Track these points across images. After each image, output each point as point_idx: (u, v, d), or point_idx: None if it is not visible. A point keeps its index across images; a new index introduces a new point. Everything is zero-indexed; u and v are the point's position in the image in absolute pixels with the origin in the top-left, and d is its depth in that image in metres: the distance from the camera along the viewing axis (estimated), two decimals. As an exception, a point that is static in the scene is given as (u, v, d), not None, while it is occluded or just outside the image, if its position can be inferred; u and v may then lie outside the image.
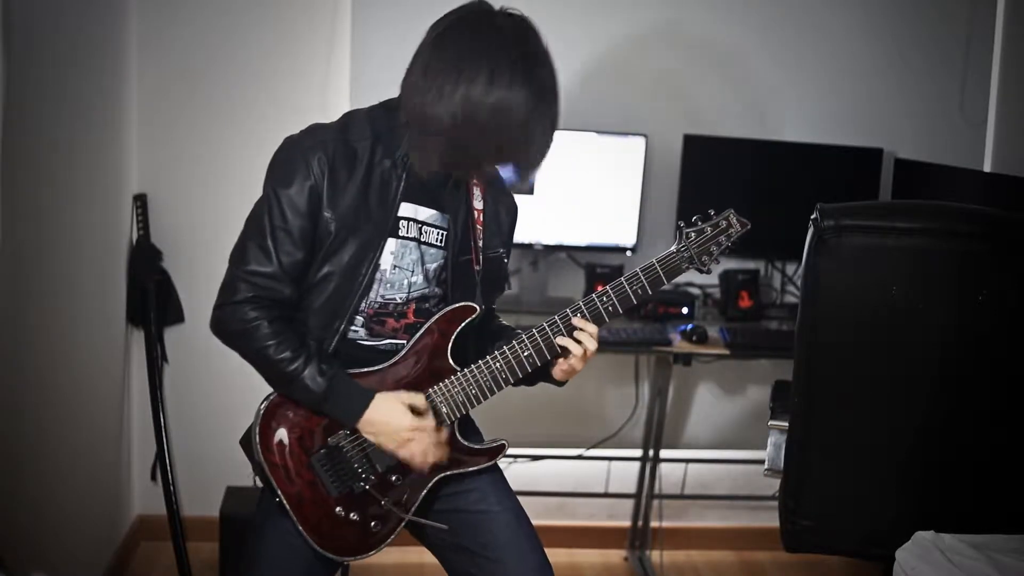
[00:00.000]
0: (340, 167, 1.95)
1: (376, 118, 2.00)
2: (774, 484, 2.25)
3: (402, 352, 2.02)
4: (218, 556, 3.20)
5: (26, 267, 2.48)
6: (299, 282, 1.98)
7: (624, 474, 3.72)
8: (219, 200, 3.35)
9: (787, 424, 2.18)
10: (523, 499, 2.15)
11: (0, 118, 2.15)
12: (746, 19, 3.63)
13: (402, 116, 1.94)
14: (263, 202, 1.96)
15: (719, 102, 3.65)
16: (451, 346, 2.02)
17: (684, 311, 3.43)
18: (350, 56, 3.38)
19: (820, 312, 2.08)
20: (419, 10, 2.13)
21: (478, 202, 2.09)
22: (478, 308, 2.04)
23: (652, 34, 3.59)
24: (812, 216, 2.05)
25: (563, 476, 3.69)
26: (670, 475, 3.70)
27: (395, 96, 1.99)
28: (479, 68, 1.83)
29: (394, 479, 2.02)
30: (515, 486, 2.17)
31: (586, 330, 2.02)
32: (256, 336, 1.94)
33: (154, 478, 3.41)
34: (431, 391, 2.01)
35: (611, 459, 3.69)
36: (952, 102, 3.69)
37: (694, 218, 2.07)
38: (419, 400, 2.00)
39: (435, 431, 2.00)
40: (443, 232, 2.05)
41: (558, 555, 2.28)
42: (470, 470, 2.07)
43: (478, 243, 2.08)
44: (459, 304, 2.04)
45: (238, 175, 3.25)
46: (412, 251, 2.02)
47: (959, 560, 1.91)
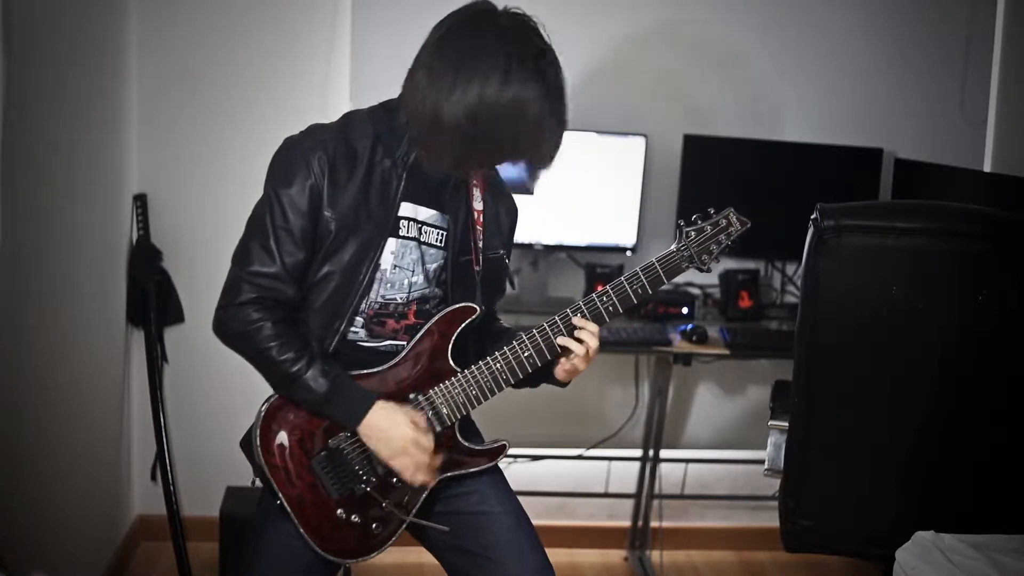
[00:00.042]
0: (340, 166, 1.95)
1: (376, 118, 2.00)
2: (774, 484, 2.25)
3: (402, 353, 2.02)
4: (218, 556, 3.19)
5: (26, 267, 2.48)
6: (301, 282, 1.97)
7: (624, 474, 3.71)
8: (219, 200, 3.35)
9: (787, 424, 2.17)
10: (523, 499, 2.15)
11: (0, 118, 2.15)
12: (746, 19, 3.63)
13: (402, 117, 1.94)
14: (264, 202, 1.96)
15: (719, 102, 3.65)
16: (451, 347, 2.02)
17: (684, 311, 3.43)
18: (350, 56, 3.38)
19: (820, 312, 2.08)
20: (419, 10, 2.13)
21: (478, 203, 2.08)
22: (478, 309, 2.04)
23: (652, 34, 3.59)
24: (812, 216, 2.05)
25: (563, 476, 3.68)
26: (670, 475, 3.70)
27: (395, 97, 1.99)
28: (492, 66, 1.83)
29: (395, 481, 2.01)
30: (515, 486, 2.17)
31: (587, 328, 2.02)
32: (258, 337, 1.94)
33: (154, 478, 3.40)
34: (431, 392, 2.02)
35: (611, 459, 3.69)
36: (952, 102, 3.69)
37: (694, 217, 2.06)
38: (421, 419, 1.99)
39: (431, 453, 1.99)
40: (443, 232, 2.05)
41: (558, 555, 2.28)
42: (471, 471, 2.06)
43: (478, 244, 2.08)
44: (459, 305, 2.03)
45: (238, 175, 3.25)
46: (412, 251, 2.02)
47: (959, 560, 1.91)
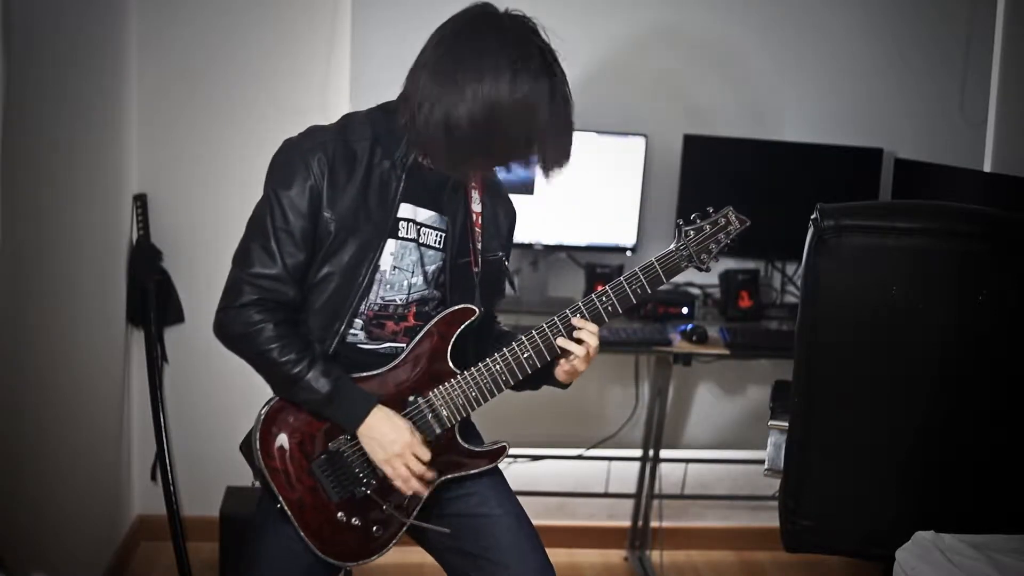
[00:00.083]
0: (340, 167, 1.94)
1: (375, 120, 2.00)
2: (774, 484, 2.25)
3: (401, 355, 2.02)
4: (218, 556, 3.19)
5: (26, 267, 2.48)
6: (301, 284, 1.97)
7: (624, 474, 3.71)
8: (219, 200, 3.35)
9: (787, 424, 2.17)
10: (523, 499, 2.15)
11: (0, 118, 2.15)
12: (746, 19, 3.63)
13: (402, 118, 1.94)
14: (264, 204, 1.96)
15: (719, 102, 3.65)
16: (450, 349, 2.02)
17: (684, 311, 3.42)
18: (350, 56, 3.37)
19: (820, 312, 2.08)
20: (419, 10, 2.13)
21: (476, 205, 2.08)
22: (477, 310, 2.03)
23: (652, 34, 3.59)
24: (812, 216, 2.05)
25: (563, 476, 3.68)
26: (670, 475, 3.70)
27: (393, 99, 1.99)
28: (500, 65, 1.83)
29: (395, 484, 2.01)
30: (515, 486, 2.17)
31: (586, 328, 2.02)
32: (260, 339, 1.94)
33: (154, 478, 3.40)
34: (431, 394, 2.01)
35: (611, 459, 3.69)
36: (952, 102, 3.69)
37: (693, 216, 2.06)
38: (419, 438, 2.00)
39: (427, 469, 1.99)
40: (441, 234, 2.04)
41: (558, 555, 2.28)
42: (471, 473, 2.06)
43: (476, 245, 2.07)
44: (458, 306, 2.03)
45: (238, 175, 3.25)
46: (412, 252, 2.02)
47: (959, 560, 1.91)
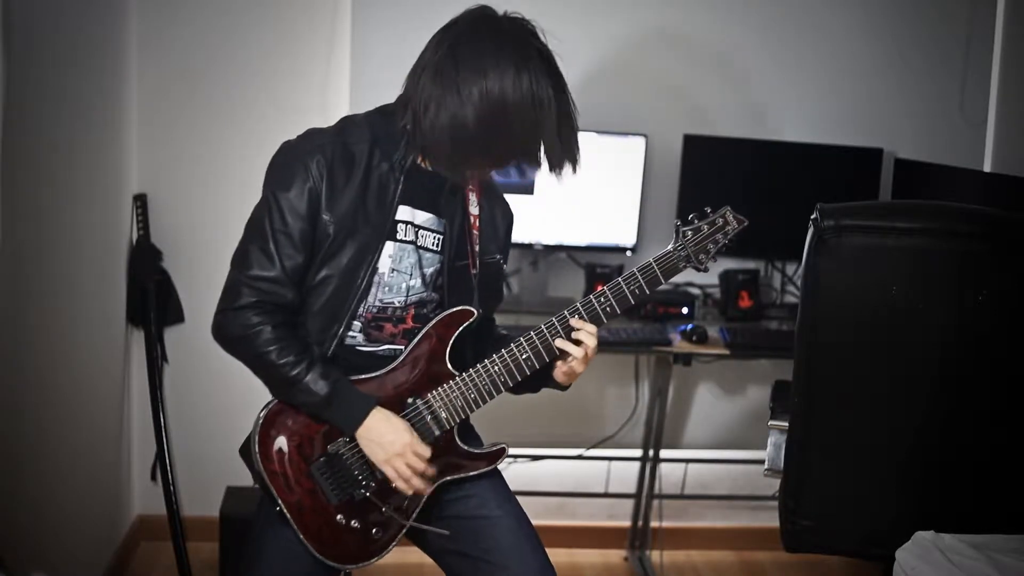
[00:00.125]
0: (338, 169, 1.94)
1: (373, 122, 2.00)
2: (774, 484, 2.25)
3: (400, 358, 2.02)
4: (218, 556, 3.19)
5: (26, 267, 2.48)
6: (300, 286, 1.97)
7: (624, 474, 3.71)
8: (219, 200, 3.35)
9: (787, 424, 2.17)
10: (523, 499, 2.15)
11: (0, 118, 2.15)
12: (746, 19, 3.63)
13: (401, 120, 1.94)
14: (263, 206, 1.96)
15: (719, 102, 3.65)
16: (449, 351, 2.02)
17: (684, 311, 3.42)
18: (350, 56, 3.37)
19: (820, 312, 2.08)
20: (419, 10, 2.13)
21: (474, 207, 2.08)
22: (475, 312, 2.03)
23: (652, 34, 3.59)
24: (812, 216, 2.05)
25: (563, 476, 3.68)
26: (670, 475, 3.70)
27: (391, 101, 1.99)
28: (505, 66, 1.84)
29: (394, 486, 2.00)
30: (515, 486, 2.17)
31: (584, 329, 2.01)
32: (258, 341, 1.93)
33: (154, 478, 3.40)
34: (430, 396, 2.01)
35: (611, 459, 3.69)
36: (952, 102, 3.69)
37: (691, 216, 2.06)
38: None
39: (427, 462, 1.99)
40: (439, 236, 2.04)
41: (558, 555, 2.28)
42: (470, 475, 2.06)
43: (474, 248, 2.07)
44: (456, 308, 2.03)
45: (238, 175, 3.25)
46: (410, 254, 2.02)
47: (959, 560, 1.91)
